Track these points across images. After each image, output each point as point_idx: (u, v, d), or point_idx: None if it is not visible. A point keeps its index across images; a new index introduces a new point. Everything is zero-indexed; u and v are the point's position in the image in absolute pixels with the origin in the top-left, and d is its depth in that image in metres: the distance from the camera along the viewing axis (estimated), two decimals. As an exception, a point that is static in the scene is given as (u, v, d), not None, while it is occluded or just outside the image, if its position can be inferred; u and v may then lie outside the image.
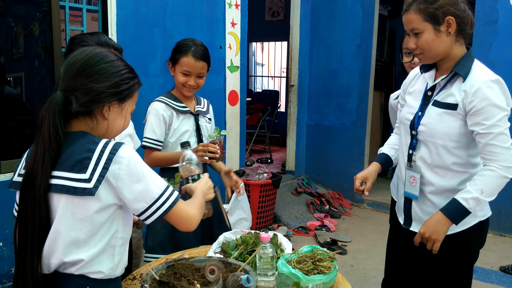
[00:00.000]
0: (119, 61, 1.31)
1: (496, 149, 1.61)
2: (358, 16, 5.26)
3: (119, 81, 1.27)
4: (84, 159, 1.18)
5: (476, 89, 1.62)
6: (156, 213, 1.25)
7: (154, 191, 1.24)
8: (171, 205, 1.27)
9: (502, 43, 4.31)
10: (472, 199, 1.63)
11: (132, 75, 1.33)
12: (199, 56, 2.24)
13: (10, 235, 2.95)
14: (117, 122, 1.32)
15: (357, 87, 5.35)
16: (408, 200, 1.87)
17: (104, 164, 1.18)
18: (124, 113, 1.33)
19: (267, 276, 1.56)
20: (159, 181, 1.27)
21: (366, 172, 1.99)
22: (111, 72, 1.26)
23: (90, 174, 1.17)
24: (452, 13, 1.65)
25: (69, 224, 1.20)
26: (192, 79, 2.27)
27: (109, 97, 1.26)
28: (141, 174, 1.22)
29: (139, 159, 1.24)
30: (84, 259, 1.22)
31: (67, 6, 3.31)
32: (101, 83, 1.24)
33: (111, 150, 1.20)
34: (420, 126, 1.77)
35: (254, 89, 9.39)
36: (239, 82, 4.67)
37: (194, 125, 2.35)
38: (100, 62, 1.26)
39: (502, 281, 3.52)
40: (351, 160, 5.43)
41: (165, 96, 2.33)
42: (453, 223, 1.67)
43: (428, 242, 1.71)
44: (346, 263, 3.79)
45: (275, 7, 8.26)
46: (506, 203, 4.28)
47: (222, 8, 4.37)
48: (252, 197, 4.37)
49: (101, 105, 1.25)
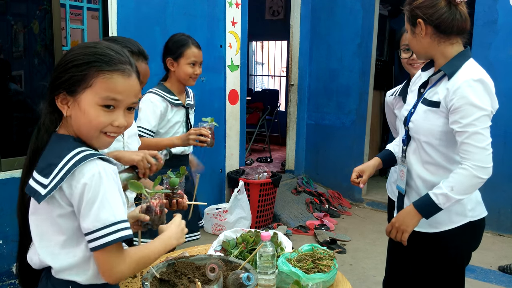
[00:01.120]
0: (80, 49, 1.17)
1: (470, 148, 1.61)
2: (358, 15, 5.27)
3: (62, 71, 1.15)
4: (52, 164, 1.12)
5: (457, 88, 1.63)
6: (97, 241, 1.10)
7: (101, 218, 1.10)
8: (115, 239, 1.10)
9: (501, 43, 4.31)
10: (441, 195, 1.64)
11: (84, 61, 1.14)
12: (197, 45, 2.46)
13: (10, 233, 2.96)
14: (80, 117, 1.15)
15: (357, 86, 5.35)
16: (401, 195, 1.89)
17: (64, 173, 1.10)
18: (83, 107, 1.14)
19: (268, 274, 1.57)
20: (113, 211, 1.12)
21: (364, 165, 2.02)
22: (61, 62, 1.17)
23: (50, 181, 1.10)
24: (420, 17, 1.68)
25: (36, 226, 1.17)
26: (197, 68, 2.44)
27: (54, 89, 1.16)
28: (95, 196, 1.10)
29: (103, 179, 1.12)
30: (54, 267, 1.16)
31: (67, 5, 3.31)
32: (53, 73, 1.18)
33: (76, 161, 1.10)
34: (410, 122, 1.80)
35: (254, 88, 9.39)
36: (239, 81, 4.67)
37: (184, 116, 2.50)
38: (67, 55, 1.18)
39: (500, 281, 3.52)
40: (351, 160, 5.44)
41: (159, 88, 2.43)
42: (423, 216, 1.69)
43: (398, 233, 1.74)
44: (345, 262, 3.79)
45: (275, 6, 8.27)
46: (505, 203, 4.27)
47: (222, 7, 4.37)
48: (252, 196, 4.38)
49: (51, 98, 1.17)
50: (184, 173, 1.78)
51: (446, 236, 1.76)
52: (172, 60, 2.42)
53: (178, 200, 1.79)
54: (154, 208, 1.47)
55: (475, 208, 1.79)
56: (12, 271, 3.03)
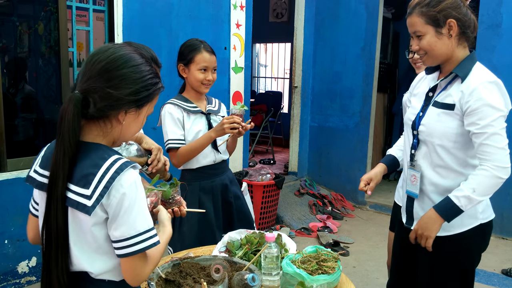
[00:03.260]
0: (143, 65, 1.23)
1: (490, 149, 1.63)
2: (362, 18, 5.27)
3: (140, 88, 1.21)
4: (90, 174, 1.14)
5: (472, 90, 1.64)
6: (129, 248, 1.15)
7: (137, 226, 1.16)
8: (148, 246, 1.17)
9: (505, 46, 4.31)
10: (463, 197, 1.64)
11: (154, 80, 1.26)
12: (210, 50, 2.33)
13: (15, 233, 2.98)
14: (132, 126, 1.26)
15: (361, 89, 5.36)
16: (410, 199, 1.89)
17: (106, 183, 1.13)
18: (140, 118, 1.27)
19: (272, 275, 1.58)
20: (146, 219, 1.18)
21: (371, 173, 2.04)
22: (133, 79, 1.19)
23: (92, 191, 1.13)
24: (454, 16, 1.68)
25: (76, 234, 1.18)
26: (209, 74, 2.32)
27: (128, 104, 1.20)
28: (132, 205, 1.15)
29: (138, 188, 1.17)
30: (93, 272, 1.20)
31: (73, 6, 3.33)
32: (121, 89, 1.17)
33: (116, 170, 1.14)
34: (420, 126, 1.80)
35: (258, 90, 9.40)
36: (243, 83, 4.69)
37: (206, 124, 2.37)
38: (123, 65, 1.18)
39: (504, 284, 3.52)
40: (354, 162, 5.44)
41: (175, 98, 2.37)
42: (445, 220, 1.69)
43: (421, 239, 1.73)
44: (348, 264, 3.80)
45: (279, 9, 8.28)
46: (509, 207, 4.26)
47: (227, 9, 4.39)
48: (255, 197, 4.38)
49: (118, 111, 1.19)
50: (177, 183, 1.73)
51: (458, 239, 1.76)
52: (184, 66, 2.33)
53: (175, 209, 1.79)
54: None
55: (486, 210, 1.80)
56: (17, 271, 3.05)
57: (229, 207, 2.46)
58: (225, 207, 2.44)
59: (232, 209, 2.47)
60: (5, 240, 2.96)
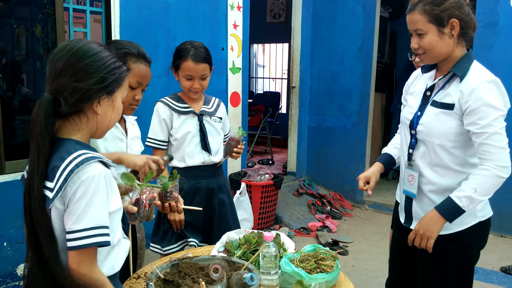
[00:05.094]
0: (103, 52, 1.24)
1: (490, 148, 1.63)
2: (359, 18, 5.28)
3: (104, 75, 1.22)
4: (55, 167, 1.15)
5: (472, 89, 1.64)
6: (77, 241, 1.14)
7: (87, 219, 1.14)
8: (94, 243, 1.14)
9: (502, 45, 4.32)
10: (465, 197, 1.65)
11: (118, 64, 1.27)
12: (198, 58, 2.23)
13: (14, 235, 2.97)
14: (109, 115, 1.28)
15: (358, 88, 5.36)
16: (409, 199, 1.89)
17: (65, 176, 1.13)
18: (116, 104, 1.29)
19: (270, 274, 1.58)
20: (99, 215, 1.16)
21: (369, 172, 2.02)
22: (95, 67, 1.21)
23: (54, 184, 1.14)
24: (457, 16, 1.67)
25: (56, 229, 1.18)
26: (196, 82, 2.26)
27: (98, 92, 1.22)
28: (84, 196, 1.14)
29: (98, 183, 1.16)
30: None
31: (70, 8, 3.33)
32: (87, 80, 1.19)
33: (77, 163, 1.14)
34: (418, 125, 1.79)
35: (256, 91, 9.41)
36: (241, 84, 4.69)
37: (198, 125, 2.34)
38: (83, 57, 1.20)
39: (502, 282, 3.53)
40: (352, 162, 5.45)
41: (169, 96, 2.36)
42: (447, 220, 1.69)
43: (422, 240, 1.73)
44: (347, 263, 3.80)
45: (277, 9, 8.28)
46: (507, 204, 4.29)
47: (224, 10, 4.39)
48: (254, 197, 4.39)
49: (90, 102, 1.22)
50: (177, 177, 1.73)
51: (458, 237, 1.76)
52: (174, 70, 2.32)
53: (172, 204, 1.78)
54: (142, 200, 1.51)
55: (484, 208, 1.81)
56: (16, 273, 3.04)
57: (211, 212, 2.39)
58: (206, 211, 2.36)
59: (213, 215, 2.39)
60: (4, 243, 2.95)
